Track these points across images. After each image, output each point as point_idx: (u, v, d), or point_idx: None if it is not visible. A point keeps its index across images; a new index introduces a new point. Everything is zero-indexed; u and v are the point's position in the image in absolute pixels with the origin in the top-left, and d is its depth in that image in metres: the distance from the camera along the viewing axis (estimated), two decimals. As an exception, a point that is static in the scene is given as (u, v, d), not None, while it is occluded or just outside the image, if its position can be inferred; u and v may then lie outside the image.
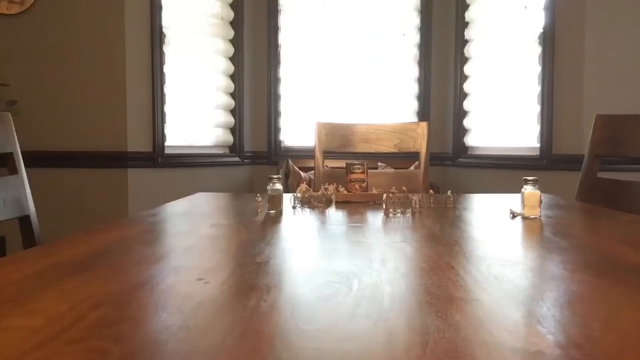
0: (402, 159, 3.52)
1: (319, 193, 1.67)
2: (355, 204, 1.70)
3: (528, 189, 1.35)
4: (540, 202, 1.35)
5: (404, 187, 1.76)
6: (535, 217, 1.34)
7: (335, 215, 1.45)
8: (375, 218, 1.39)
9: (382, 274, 0.78)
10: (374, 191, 1.77)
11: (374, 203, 1.72)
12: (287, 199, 1.62)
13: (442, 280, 0.74)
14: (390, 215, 1.44)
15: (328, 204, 1.66)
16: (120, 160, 3.08)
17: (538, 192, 1.35)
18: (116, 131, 3.07)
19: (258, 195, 1.50)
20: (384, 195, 1.71)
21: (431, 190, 1.65)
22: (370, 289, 0.70)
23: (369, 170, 1.91)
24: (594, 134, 1.80)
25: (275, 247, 0.98)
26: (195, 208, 1.59)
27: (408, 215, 1.43)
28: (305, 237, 1.10)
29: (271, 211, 1.45)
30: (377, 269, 0.81)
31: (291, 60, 3.85)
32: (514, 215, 1.39)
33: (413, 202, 1.49)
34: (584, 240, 1.10)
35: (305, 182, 1.82)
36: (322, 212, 1.50)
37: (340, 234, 1.13)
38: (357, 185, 1.83)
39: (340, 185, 1.82)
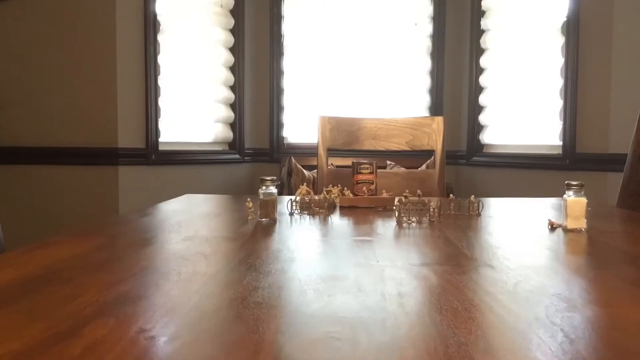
0: (413, 156, 3.30)
1: (321, 197, 1.45)
2: (363, 210, 1.47)
3: (572, 195, 1.12)
4: (586, 211, 1.12)
5: (418, 191, 1.53)
6: (581, 230, 1.11)
7: (338, 224, 1.22)
8: (386, 228, 1.16)
9: (400, 324, 0.55)
10: (384, 195, 1.54)
11: (384, 209, 1.50)
12: (285, 202, 1.40)
13: (489, 337, 0.51)
14: (404, 224, 1.22)
15: (331, 209, 1.43)
16: (111, 156, 2.87)
17: (584, 199, 1.12)
18: (106, 126, 2.86)
19: (248, 199, 1.27)
20: (396, 200, 1.49)
21: (451, 195, 1.42)
22: (384, 353, 0.47)
23: (378, 170, 1.68)
24: (639, 131, 1.57)
25: (259, 273, 0.76)
26: (176, 213, 1.37)
27: (425, 224, 1.21)
28: (299, 258, 0.88)
29: (263, 219, 1.23)
30: (393, 312, 0.59)
31: (295, 51, 3.64)
32: (553, 226, 1.16)
33: (431, 208, 1.26)
34: (653, 263, 0.87)
35: (305, 184, 1.60)
36: (324, 220, 1.28)
37: (344, 253, 0.91)
38: (364, 188, 1.60)
39: (345, 188, 1.59)
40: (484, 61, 3.46)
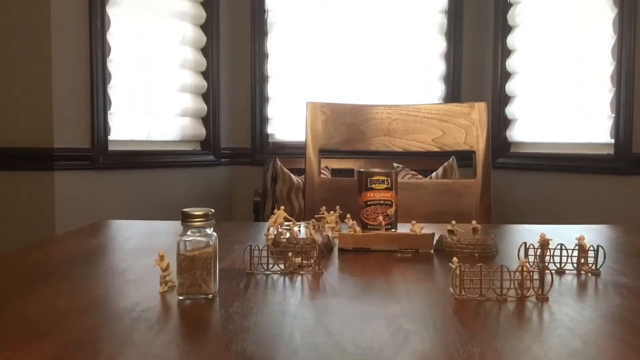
0: (425, 157, 2.71)
1: (307, 234, 0.83)
2: (378, 255, 0.86)
3: None
4: None
5: (473, 222, 0.91)
6: None
7: (339, 301, 0.60)
8: (437, 321, 0.54)
9: None
10: (415, 229, 0.92)
11: (414, 252, 0.88)
12: (257, 235, 0.79)
13: None
14: (465, 296, 0.60)
15: (324, 257, 0.81)
16: (44, 159, 2.29)
17: None
18: (38, 121, 2.29)
19: (161, 253, 0.65)
20: (435, 239, 0.87)
21: (542, 234, 0.79)
22: None
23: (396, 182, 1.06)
24: None
25: None
26: (54, 270, 0.75)
27: (514, 303, 0.58)
28: None
29: (184, 297, 0.61)
30: None
31: (282, 29, 3.16)
32: None
33: (525, 269, 0.64)
34: None
35: (283, 207, 0.98)
36: (314, 285, 0.66)
37: None
38: (379, 215, 0.98)
39: (348, 217, 0.98)
40: (512, 41, 2.99)
